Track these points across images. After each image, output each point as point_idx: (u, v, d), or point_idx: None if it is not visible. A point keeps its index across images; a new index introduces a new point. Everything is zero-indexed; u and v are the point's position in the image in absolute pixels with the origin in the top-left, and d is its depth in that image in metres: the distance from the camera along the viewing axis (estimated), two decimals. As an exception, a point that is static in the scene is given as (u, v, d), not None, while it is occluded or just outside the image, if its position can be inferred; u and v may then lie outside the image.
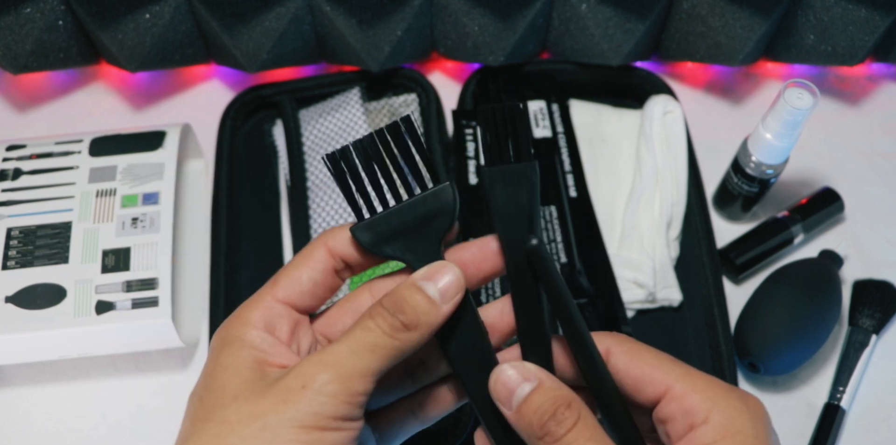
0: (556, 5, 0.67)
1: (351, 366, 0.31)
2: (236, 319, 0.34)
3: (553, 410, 0.32)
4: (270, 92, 0.70)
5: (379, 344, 0.31)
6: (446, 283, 0.33)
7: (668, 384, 0.32)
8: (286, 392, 0.30)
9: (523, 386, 0.33)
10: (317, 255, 0.35)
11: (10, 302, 0.52)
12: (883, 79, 0.74)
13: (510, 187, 0.34)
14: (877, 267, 0.63)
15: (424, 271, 0.33)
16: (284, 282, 0.34)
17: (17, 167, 0.58)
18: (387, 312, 0.32)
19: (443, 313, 0.33)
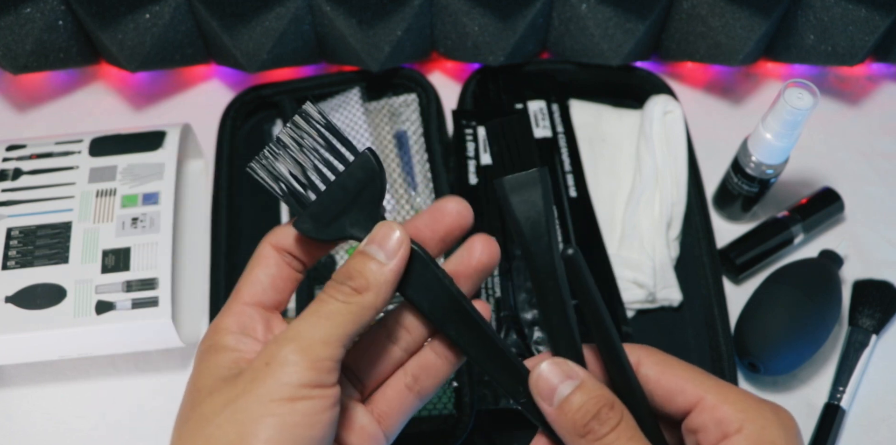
0: (556, 5, 0.67)
1: (310, 336, 0.31)
2: (211, 330, 0.35)
3: (597, 410, 0.32)
4: (270, 92, 0.70)
5: (334, 311, 0.32)
6: (387, 240, 0.33)
7: (700, 395, 0.33)
8: (253, 373, 0.31)
9: (566, 384, 0.33)
10: (264, 253, 0.36)
11: (10, 302, 0.52)
12: (883, 79, 0.74)
13: (524, 194, 0.34)
14: (877, 267, 0.63)
15: (367, 237, 0.34)
16: (245, 286, 0.35)
17: (18, 167, 0.58)
18: (336, 282, 0.33)
19: (391, 269, 0.33)
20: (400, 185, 0.64)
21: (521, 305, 0.58)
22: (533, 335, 0.57)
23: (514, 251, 0.60)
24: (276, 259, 0.36)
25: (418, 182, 0.65)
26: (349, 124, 0.66)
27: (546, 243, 0.34)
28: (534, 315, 0.58)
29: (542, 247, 0.34)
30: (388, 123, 0.68)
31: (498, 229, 0.61)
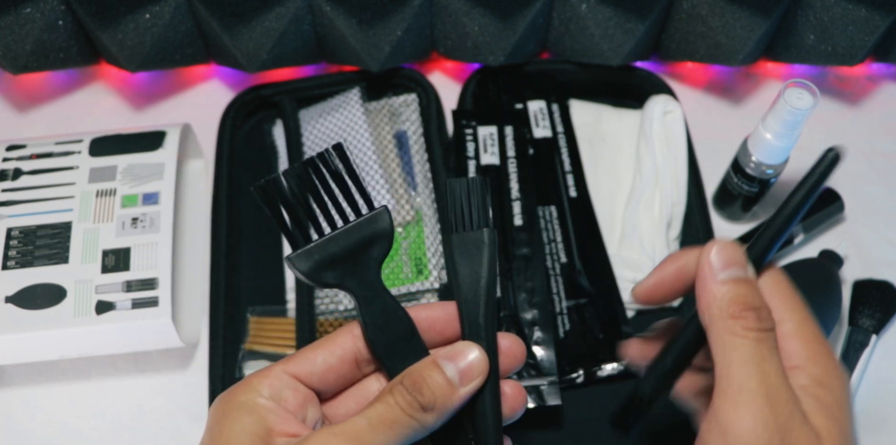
0: (556, 5, 0.67)
1: (369, 440, 0.30)
2: (243, 385, 0.33)
3: (759, 306, 0.33)
4: (270, 92, 0.70)
5: (398, 421, 0.31)
6: (467, 365, 0.32)
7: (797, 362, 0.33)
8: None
9: (745, 269, 0.34)
10: (339, 340, 0.34)
11: (11, 302, 0.52)
12: (883, 79, 0.74)
13: (471, 253, 0.34)
14: (877, 267, 0.63)
15: (448, 349, 0.33)
16: (299, 358, 0.34)
17: (18, 167, 0.58)
18: (405, 390, 0.32)
19: (460, 396, 0.32)
20: (400, 185, 0.64)
21: (521, 305, 0.58)
22: (533, 335, 0.57)
23: (514, 251, 0.60)
24: (345, 351, 0.34)
25: (418, 182, 0.65)
26: (349, 124, 0.66)
27: (482, 304, 0.34)
28: (534, 315, 0.58)
29: (478, 308, 0.34)
30: (388, 123, 0.68)
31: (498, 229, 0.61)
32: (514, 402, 0.35)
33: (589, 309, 0.59)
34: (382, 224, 0.34)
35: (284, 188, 0.33)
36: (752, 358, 0.31)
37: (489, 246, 0.34)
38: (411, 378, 0.32)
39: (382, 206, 0.34)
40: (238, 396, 0.32)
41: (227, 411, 0.32)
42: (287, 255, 0.33)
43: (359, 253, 0.33)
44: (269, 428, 0.31)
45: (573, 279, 0.60)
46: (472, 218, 0.34)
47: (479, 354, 0.33)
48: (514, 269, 0.59)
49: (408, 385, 0.32)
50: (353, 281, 0.33)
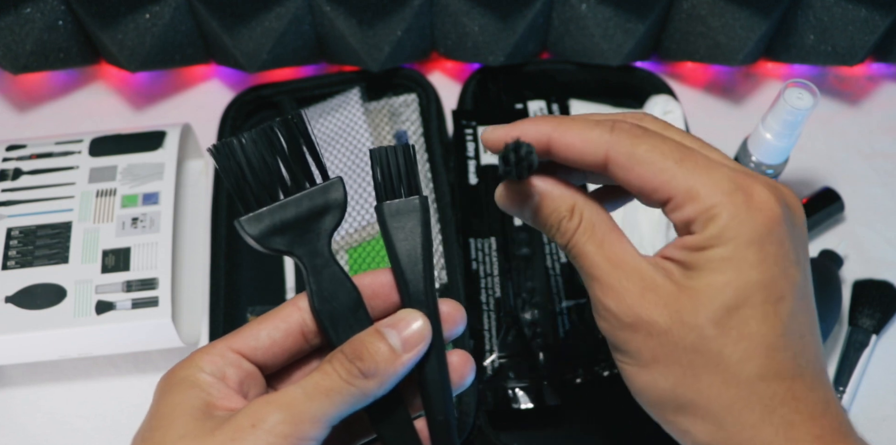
0: (556, 5, 0.67)
1: (304, 409, 0.30)
2: (186, 362, 0.33)
3: (556, 221, 0.34)
4: (270, 92, 0.70)
5: (335, 388, 0.30)
6: (410, 332, 0.32)
7: (670, 194, 0.31)
8: (234, 431, 0.29)
9: (530, 202, 0.34)
10: (284, 313, 0.34)
11: (10, 302, 0.52)
12: (883, 79, 0.74)
13: (403, 221, 0.34)
14: (877, 267, 0.63)
15: (390, 318, 0.33)
16: (243, 334, 0.34)
17: (18, 167, 0.58)
18: (345, 358, 0.31)
19: (403, 362, 0.32)
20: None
21: (520, 305, 0.58)
22: (533, 335, 0.57)
23: (514, 251, 0.60)
24: (290, 324, 0.34)
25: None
26: (349, 124, 0.66)
27: (419, 270, 0.34)
28: (534, 315, 0.58)
29: (416, 275, 0.34)
30: (389, 123, 0.68)
31: (498, 229, 0.61)
32: (462, 369, 0.35)
33: (589, 308, 0.59)
34: (336, 194, 0.33)
35: (239, 151, 0.33)
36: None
37: (422, 212, 0.34)
38: (352, 346, 0.32)
39: (337, 177, 0.34)
40: (179, 372, 0.33)
41: (168, 386, 0.32)
42: (236, 219, 0.33)
43: (310, 221, 0.33)
44: (208, 403, 0.31)
45: (573, 279, 0.60)
46: (402, 185, 0.34)
47: (421, 321, 0.33)
48: (514, 269, 0.59)
49: (348, 352, 0.31)
50: (303, 248, 0.33)
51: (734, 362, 0.30)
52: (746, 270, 0.30)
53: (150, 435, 0.31)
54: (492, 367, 0.56)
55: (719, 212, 0.30)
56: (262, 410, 0.30)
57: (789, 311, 0.30)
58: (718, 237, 0.30)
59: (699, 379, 0.31)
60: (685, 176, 0.31)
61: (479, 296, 0.59)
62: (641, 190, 0.32)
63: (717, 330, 0.30)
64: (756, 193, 0.31)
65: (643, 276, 0.32)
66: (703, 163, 0.31)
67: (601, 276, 0.32)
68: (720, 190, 0.31)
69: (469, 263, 0.60)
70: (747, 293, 0.30)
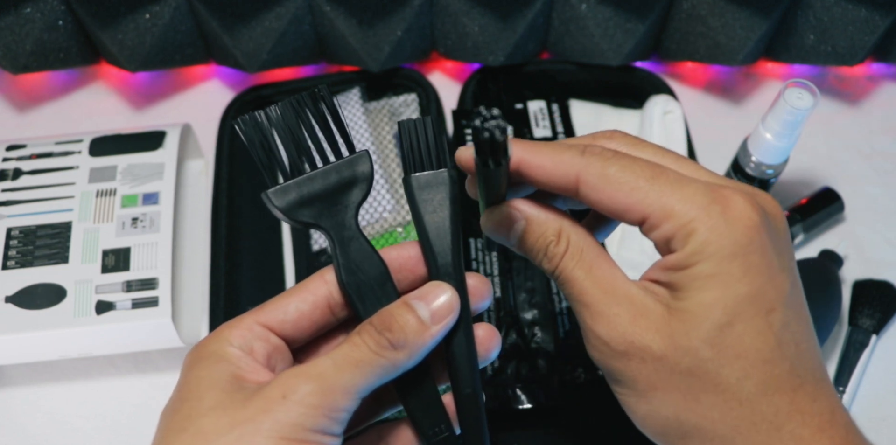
0: (556, 5, 0.67)
1: (334, 380, 0.30)
2: (214, 336, 0.33)
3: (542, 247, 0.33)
4: (270, 92, 0.70)
5: (364, 360, 0.31)
6: (438, 304, 0.32)
7: (645, 213, 0.31)
8: (266, 402, 0.29)
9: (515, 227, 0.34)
10: (311, 286, 0.34)
11: (10, 302, 0.52)
12: (883, 79, 0.74)
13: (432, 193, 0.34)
14: (877, 267, 0.63)
15: (418, 291, 0.33)
16: (271, 307, 0.34)
17: (18, 167, 0.58)
18: (374, 329, 0.31)
19: (432, 334, 0.32)
20: (400, 185, 0.64)
21: (521, 305, 0.58)
22: (533, 335, 0.57)
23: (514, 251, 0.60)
24: (317, 296, 0.34)
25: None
26: (349, 124, 0.67)
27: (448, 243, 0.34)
28: (534, 315, 0.58)
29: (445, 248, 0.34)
30: (389, 123, 0.68)
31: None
32: (488, 343, 0.35)
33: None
34: (363, 167, 0.33)
35: (266, 123, 0.33)
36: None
37: (451, 185, 0.34)
38: (381, 318, 0.32)
39: (364, 150, 0.33)
40: (207, 346, 0.33)
41: (196, 360, 0.32)
42: (264, 191, 0.33)
43: (337, 193, 0.33)
44: (237, 376, 0.31)
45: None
46: (430, 158, 0.34)
47: (450, 293, 0.33)
48: (514, 269, 0.59)
49: (377, 324, 0.31)
50: (330, 221, 0.33)
51: (733, 382, 0.29)
52: (733, 284, 0.29)
53: (179, 407, 0.31)
54: (492, 367, 0.56)
55: (696, 226, 0.30)
56: (292, 381, 0.30)
57: (781, 322, 0.30)
58: (700, 253, 0.30)
59: (701, 403, 0.30)
60: (658, 194, 0.30)
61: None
62: (615, 210, 0.32)
63: (712, 350, 0.29)
64: (732, 204, 0.30)
65: (633, 301, 0.31)
66: (676, 178, 0.31)
67: (591, 303, 0.32)
68: (695, 204, 0.30)
69: (469, 263, 0.60)
70: (737, 308, 0.29)
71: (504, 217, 0.34)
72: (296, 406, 0.29)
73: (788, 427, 0.29)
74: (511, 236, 0.34)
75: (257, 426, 0.29)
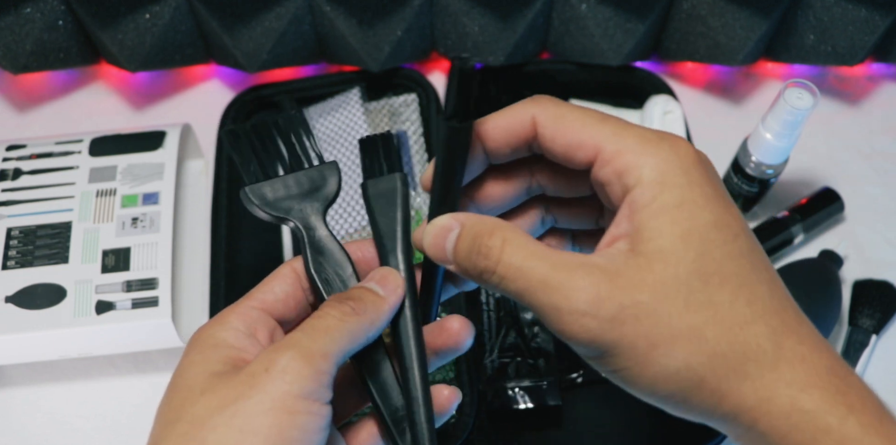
0: (556, 5, 0.67)
1: (308, 346, 0.31)
2: (214, 321, 0.34)
3: (477, 246, 0.31)
4: (270, 92, 0.70)
5: (332, 326, 0.32)
6: (387, 281, 0.35)
7: (598, 146, 0.31)
8: (250, 377, 0.30)
9: (450, 236, 0.33)
10: (284, 272, 0.36)
11: (10, 301, 0.52)
12: (883, 79, 0.74)
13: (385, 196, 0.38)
14: (877, 267, 0.63)
15: (367, 277, 0.35)
16: (258, 292, 0.35)
17: (18, 167, 0.58)
18: (336, 301, 0.33)
19: (390, 302, 0.34)
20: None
21: (521, 305, 0.58)
22: (533, 335, 0.57)
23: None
24: (294, 279, 0.36)
25: (418, 182, 0.65)
26: (349, 124, 0.66)
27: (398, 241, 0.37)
28: (534, 315, 0.58)
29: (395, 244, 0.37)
30: (389, 123, 0.68)
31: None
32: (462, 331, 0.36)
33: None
34: (331, 172, 0.38)
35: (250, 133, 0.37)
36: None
37: (401, 187, 0.37)
38: (341, 294, 0.34)
39: (332, 161, 0.38)
40: (203, 331, 0.33)
41: (191, 346, 0.33)
42: (242, 187, 0.36)
43: (309, 192, 0.37)
44: (235, 358, 0.32)
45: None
46: (385, 166, 0.38)
47: (394, 272, 0.35)
48: (514, 269, 0.59)
49: (336, 297, 0.34)
50: (301, 215, 0.37)
51: (728, 307, 0.29)
52: (699, 213, 0.29)
53: (173, 396, 0.32)
54: (492, 367, 0.56)
55: (651, 159, 0.30)
56: (270, 354, 0.31)
57: (749, 246, 0.30)
58: (661, 183, 0.29)
59: (707, 340, 0.29)
60: (611, 130, 0.31)
61: (479, 296, 0.59)
62: (568, 147, 0.32)
63: (700, 280, 0.29)
64: (677, 142, 0.31)
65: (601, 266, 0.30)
66: (622, 122, 0.32)
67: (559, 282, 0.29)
68: (646, 140, 0.30)
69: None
70: (709, 235, 0.29)
71: (440, 228, 0.33)
72: (280, 375, 0.30)
73: (788, 344, 0.29)
74: (447, 248, 0.33)
75: (247, 401, 0.29)
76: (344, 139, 0.66)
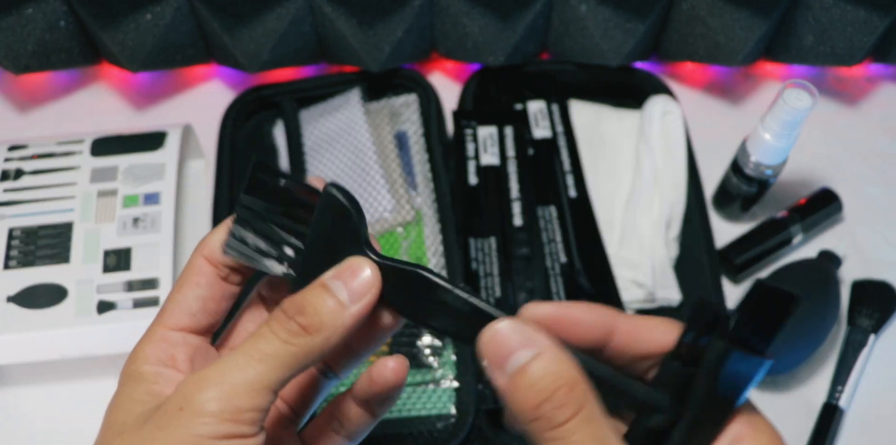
0: (555, 6, 0.67)
1: (236, 380, 0.27)
2: (132, 356, 0.31)
3: (553, 390, 0.26)
4: (271, 92, 0.70)
5: (271, 352, 0.28)
6: (355, 279, 0.29)
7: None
8: (163, 418, 0.27)
9: (521, 353, 0.27)
10: (196, 268, 0.32)
11: (12, 301, 0.53)
12: (881, 79, 0.74)
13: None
14: (875, 267, 0.63)
15: (334, 270, 0.30)
16: (172, 309, 0.31)
17: (19, 167, 0.58)
18: (285, 316, 0.28)
19: (351, 314, 0.29)
20: (400, 185, 0.64)
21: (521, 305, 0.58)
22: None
23: (514, 251, 0.60)
24: (209, 276, 0.32)
25: (419, 182, 0.65)
26: (349, 124, 0.67)
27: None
28: (533, 315, 0.58)
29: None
30: (389, 124, 0.68)
31: (497, 229, 0.62)
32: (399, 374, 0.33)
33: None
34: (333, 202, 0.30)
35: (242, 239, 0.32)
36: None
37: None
38: (293, 301, 0.29)
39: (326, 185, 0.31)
40: (125, 369, 0.31)
41: (120, 384, 0.31)
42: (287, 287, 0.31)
43: (337, 242, 0.30)
44: (153, 393, 0.30)
45: (573, 279, 0.60)
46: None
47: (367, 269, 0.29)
48: (514, 269, 0.60)
49: (288, 308, 0.29)
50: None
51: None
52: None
53: (98, 439, 0.30)
54: (492, 367, 0.56)
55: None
56: (189, 389, 0.27)
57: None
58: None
59: None
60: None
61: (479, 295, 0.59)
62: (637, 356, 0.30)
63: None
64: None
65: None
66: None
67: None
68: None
69: (469, 263, 0.60)
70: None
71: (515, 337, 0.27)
72: (194, 417, 0.27)
73: None
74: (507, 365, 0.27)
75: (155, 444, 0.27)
76: (344, 140, 0.66)
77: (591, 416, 0.26)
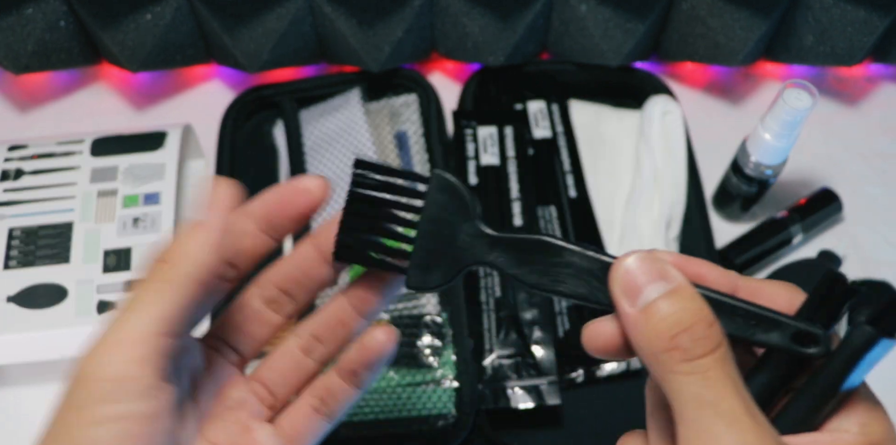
0: (555, 6, 0.67)
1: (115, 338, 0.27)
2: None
3: (691, 323, 0.26)
4: (271, 92, 0.70)
5: (136, 298, 0.28)
6: (203, 199, 0.29)
7: None
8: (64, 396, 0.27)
9: (657, 285, 0.27)
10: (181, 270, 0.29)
11: (12, 301, 0.53)
12: (881, 79, 0.74)
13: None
14: (875, 268, 0.63)
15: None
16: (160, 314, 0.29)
17: (19, 167, 0.58)
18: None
19: (205, 226, 0.28)
20: (400, 185, 0.64)
21: (521, 305, 0.58)
22: (533, 334, 0.57)
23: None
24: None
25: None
26: (350, 125, 0.67)
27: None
28: (534, 315, 0.58)
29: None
30: (389, 124, 0.68)
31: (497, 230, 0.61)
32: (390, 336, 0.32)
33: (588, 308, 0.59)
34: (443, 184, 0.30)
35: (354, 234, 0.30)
36: (704, 400, 0.25)
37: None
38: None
39: (432, 170, 0.30)
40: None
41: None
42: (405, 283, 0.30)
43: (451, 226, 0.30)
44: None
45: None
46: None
47: (225, 185, 0.29)
48: (514, 269, 0.60)
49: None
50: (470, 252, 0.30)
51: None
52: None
53: None
54: (492, 367, 0.56)
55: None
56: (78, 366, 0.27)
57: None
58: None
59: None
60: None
61: (479, 296, 0.59)
62: None
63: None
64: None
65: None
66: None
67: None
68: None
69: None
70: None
71: (652, 269, 0.27)
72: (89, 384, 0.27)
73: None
74: (641, 296, 0.27)
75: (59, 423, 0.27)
76: (344, 140, 0.66)
77: (726, 357, 0.26)
